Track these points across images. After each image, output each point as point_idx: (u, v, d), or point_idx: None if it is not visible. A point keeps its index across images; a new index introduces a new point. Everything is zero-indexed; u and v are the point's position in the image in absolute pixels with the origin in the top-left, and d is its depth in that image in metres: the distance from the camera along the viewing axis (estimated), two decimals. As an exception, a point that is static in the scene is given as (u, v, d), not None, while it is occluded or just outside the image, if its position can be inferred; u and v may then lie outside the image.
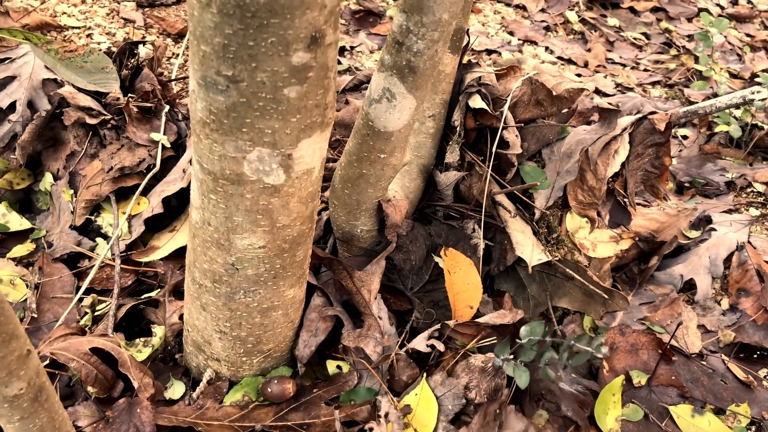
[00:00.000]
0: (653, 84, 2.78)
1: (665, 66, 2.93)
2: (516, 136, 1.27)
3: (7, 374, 0.77)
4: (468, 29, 1.32)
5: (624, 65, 2.93)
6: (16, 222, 1.47)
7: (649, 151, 1.26)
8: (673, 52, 3.04)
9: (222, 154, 0.86)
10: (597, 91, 2.50)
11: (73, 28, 2.10)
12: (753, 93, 1.12)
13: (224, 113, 0.82)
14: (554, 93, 1.23)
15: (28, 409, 0.83)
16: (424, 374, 1.13)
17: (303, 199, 0.95)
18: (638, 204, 1.62)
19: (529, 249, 1.25)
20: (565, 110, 1.29)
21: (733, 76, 2.89)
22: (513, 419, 1.04)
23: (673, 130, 2.31)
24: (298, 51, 0.77)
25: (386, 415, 1.04)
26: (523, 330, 1.07)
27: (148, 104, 1.58)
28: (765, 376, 1.33)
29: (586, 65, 2.84)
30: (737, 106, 1.12)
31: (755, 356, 1.38)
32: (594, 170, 1.23)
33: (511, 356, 1.08)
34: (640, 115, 1.23)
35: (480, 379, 1.09)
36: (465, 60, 1.40)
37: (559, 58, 2.86)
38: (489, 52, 2.78)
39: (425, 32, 1.01)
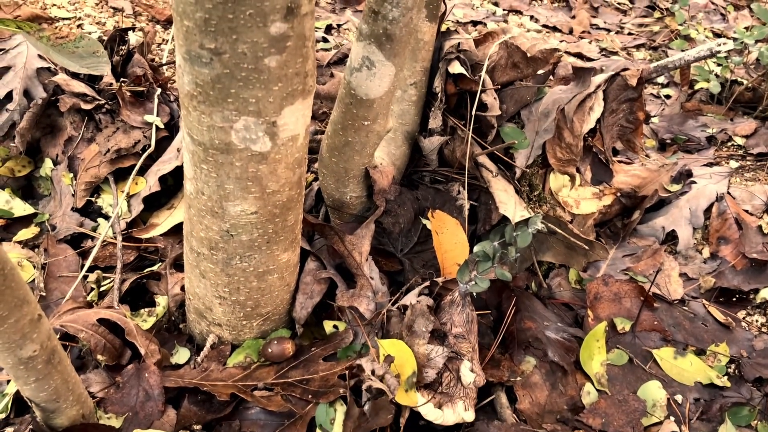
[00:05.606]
0: (637, 47, 2.82)
1: (649, 29, 2.97)
2: (494, 98, 1.32)
3: (20, 337, 0.82)
4: (444, -2, 1.36)
5: (608, 30, 2.97)
6: (20, 207, 1.53)
7: (624, 106, 1.31)
8: (657, 14, 3.07)
9: (210, 124, 0.91)
10: (581, 56, 2.54)
11: (63, 19, 2.15)
12: (719, 45, 1.16)
13: (210, 85, 0.87)
14: (529, 54, 1.27)
15: (42, 371, 0.89)
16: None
17: (290, 165, 1.00)
18: (620, 162, 1.67)
19: (512, 207, 1.30)
20: (541, 71, 1.33)
21: (717, 35, 2.93)
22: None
23: (656, 91, 2.36)
24: (275, 22, 0.81)
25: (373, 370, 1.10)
26: (476, 248, 1.14)
27: (141, 88, 1.63)
28: (744, 318, 1.39)
29: (571, 32, 2.88)
30: (707, 58, 1.16)
31: (734, 299, 1.43)
32: (570, 127, 1.28)
33: (472, 277, 1.15)
34: (612, 72, 1.28)
35: (451, 313, 1.15)
36: (444, 28, 1.44)
37: (544, 26, 2.89)
38: (474, 23, 2.82)
39: (399, 0, 1.06)
